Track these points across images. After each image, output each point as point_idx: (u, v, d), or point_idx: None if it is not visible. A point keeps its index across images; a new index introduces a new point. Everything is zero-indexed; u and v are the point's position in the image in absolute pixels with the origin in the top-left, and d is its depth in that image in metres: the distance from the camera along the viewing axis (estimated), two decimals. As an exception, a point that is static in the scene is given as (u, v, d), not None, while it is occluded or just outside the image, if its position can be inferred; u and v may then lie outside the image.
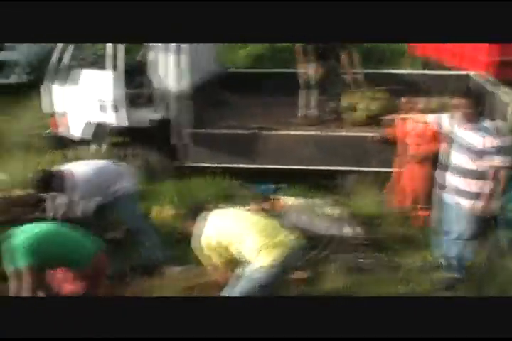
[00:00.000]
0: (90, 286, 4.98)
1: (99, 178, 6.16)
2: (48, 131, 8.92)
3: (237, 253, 4.91)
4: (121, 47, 8.01)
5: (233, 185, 8.22)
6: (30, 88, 10.63)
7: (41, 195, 6.30)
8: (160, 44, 8.00)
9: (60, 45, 8.40)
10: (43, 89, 8.62)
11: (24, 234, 4.80)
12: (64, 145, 8.78)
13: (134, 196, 6.50)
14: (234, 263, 5.03)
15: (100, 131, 8.49)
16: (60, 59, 8.44)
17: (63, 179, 5.89)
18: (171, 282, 5.77)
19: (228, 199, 7.60)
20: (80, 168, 6.11)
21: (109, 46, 8.00)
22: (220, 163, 8.28)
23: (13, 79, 12.21)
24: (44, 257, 4.71)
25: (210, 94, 8.89)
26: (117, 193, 6.25)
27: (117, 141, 8.68)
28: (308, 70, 8.55)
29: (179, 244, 6.44)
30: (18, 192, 7.39)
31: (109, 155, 7.96)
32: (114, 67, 8.05)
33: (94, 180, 6.09)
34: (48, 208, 6.15)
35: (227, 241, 4.88)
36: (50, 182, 5.84)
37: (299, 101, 8.65)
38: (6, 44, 12.05)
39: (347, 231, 6.74)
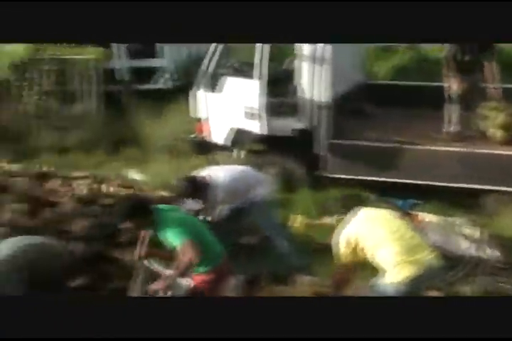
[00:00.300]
0: (211, 291, 5.04)
1: (239, 184, 6.29)
2: (192, 136, 9.21)
3: (371, 258, 4.86)
4: (265, 56, 8.11)
5: (370, 198, 8.10)
6: (177, 94, 11.02)
7: (184, 199, 6.44)
8: (305, 53, 8.04)
9: (208, 53, 8.65)
10: (191, 94, 8.91)
11: (175, 212, 4.99)
12: (207, 150, 9.04)
13: (271, 203, 6.57)
14: (362, 265, 5.01)
15: (241, 138, 8.67)
16: (207, 66, 8.69)
17: (205, 185, 6.05)
18: (300, 291, 5.79)
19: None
20: (220, 174, 6.25)
21: (256, 53, 8.10)
22: (358, 176, 8.20)
23: (160, 85, 12.70)
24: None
25: (351, 105, 8.85)
26: (254, 199, 6.35)
27: (258, 148, 8.79)
28: (452, 84, 8.30)
29: (312, 254, 6.46)
30: (160, 193, 7.65)
31: (249, 161, 8.08)
32: (259, 75, 8.17)
33: (234, 186, 6.22)
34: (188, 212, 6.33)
35: (366, 242, 4.84)
36: (194, 188, 6.02)
37: (443, 115, 8.41)
38: (155, 52, 12.59)
39: (486, 253, 6.49)
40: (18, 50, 12.26)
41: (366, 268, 5.08)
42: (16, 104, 12.09)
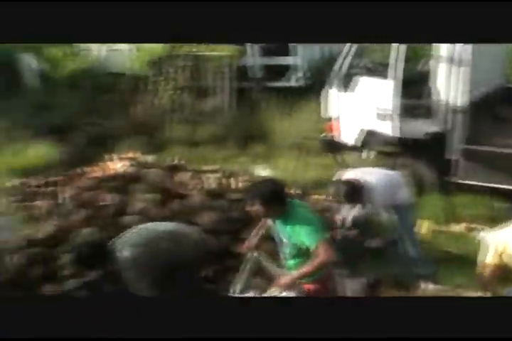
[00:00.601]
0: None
1: (387, 187, 6.25)
2: (323, 135, 9.19)
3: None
4: (401, 56, 7.93)
5: (501, 206, 7.79)
6: (308, 92, 11.06)
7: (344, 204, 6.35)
8: (443, 54, 7.80)
9: (342, 53, 8.60)
10: (323, 94, 8.90)
11: (307, 209, 4.86)
12: (336, 149, 9.01)
13: (411, 207, 6.46)
14: (503, 269, 4.88)
15: (372, 139, 8.56)
16: (341, 66, 8.64)
17: (362, 189, 6.03)
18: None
19: (494, 220, 7.23)
20: (371, 177, 6.24)
21: (392, 53, 7.93)
22: (490, 183, 7.88)
23: (292, 82, 12.76)
24: None
25: (488, 110, 8.50)
26: (395, 202, 6.28)
27: (388, 150, 8.61)
28: None
29: (440, 262, 6.31)
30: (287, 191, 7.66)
31: (378, 163, 7.97)
32: (394, 76, 8.01)
33: (385, 189, 6.20)
34: (342, 217, 6.33)
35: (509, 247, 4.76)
36: (352, 192, 5.98)
37: None
38: (288, 50, 12.65)
39: None
40: (156, 47, 12.74)
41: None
42: (152, 99, 12.58)
